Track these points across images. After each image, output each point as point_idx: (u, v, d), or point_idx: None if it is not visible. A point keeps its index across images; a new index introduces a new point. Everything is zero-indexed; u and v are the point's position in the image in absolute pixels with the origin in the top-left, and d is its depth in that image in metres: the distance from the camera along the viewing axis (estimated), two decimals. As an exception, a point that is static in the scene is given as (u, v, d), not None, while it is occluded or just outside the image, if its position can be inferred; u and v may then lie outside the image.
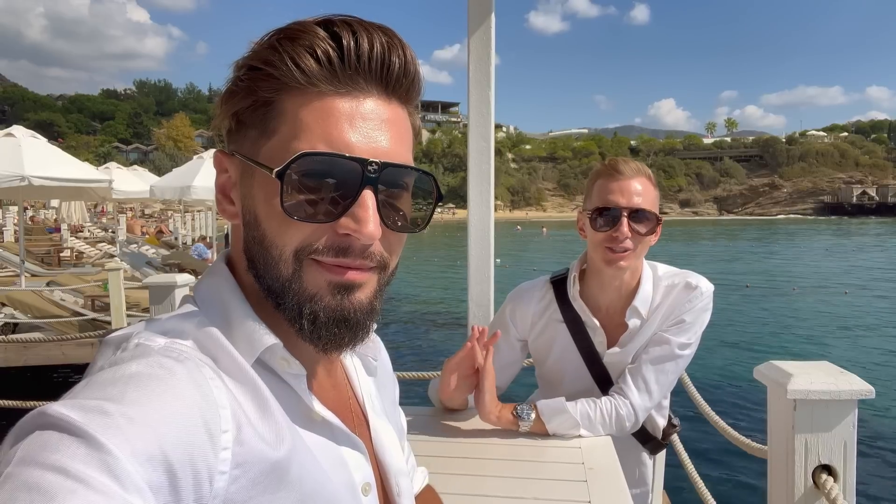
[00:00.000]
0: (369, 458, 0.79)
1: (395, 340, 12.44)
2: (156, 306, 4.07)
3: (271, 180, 0.63)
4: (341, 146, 0.64)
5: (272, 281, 0.67)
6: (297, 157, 0.62)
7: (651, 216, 1.76)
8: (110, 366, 0.57)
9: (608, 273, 1.82)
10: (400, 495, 0.86)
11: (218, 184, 0.72)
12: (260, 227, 0.67)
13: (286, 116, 0.65)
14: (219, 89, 0.71)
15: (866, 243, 44.47)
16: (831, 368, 1.75)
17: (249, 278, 0.71)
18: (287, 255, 0.65)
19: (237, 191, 0.70)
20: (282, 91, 0.65)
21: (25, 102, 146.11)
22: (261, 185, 0.66)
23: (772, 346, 12.29)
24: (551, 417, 1.74)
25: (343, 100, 0.65)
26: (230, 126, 0.69)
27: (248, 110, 0.67)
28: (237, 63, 0.68)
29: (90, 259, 16.81)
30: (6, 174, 8.34)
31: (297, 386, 0.69)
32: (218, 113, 0.70)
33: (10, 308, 8.46)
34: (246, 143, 0.68)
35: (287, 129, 0.65)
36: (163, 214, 43.15)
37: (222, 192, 0.72)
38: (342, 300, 0.67)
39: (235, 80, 0.68)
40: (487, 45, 2.28)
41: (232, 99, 0.68)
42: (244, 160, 0.68)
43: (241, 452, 0.58)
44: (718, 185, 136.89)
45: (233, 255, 0.74)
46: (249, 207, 0.68)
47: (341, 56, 0.64)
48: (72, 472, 0.45)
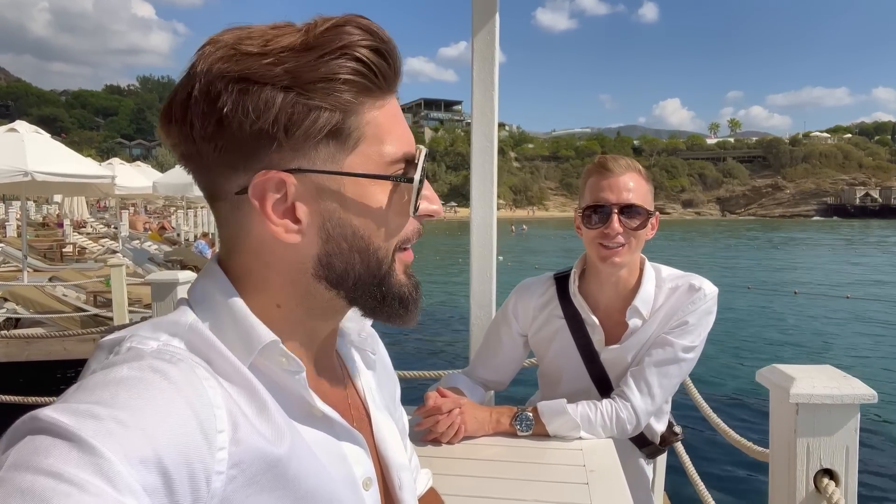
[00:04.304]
0: (370, 453, 0.79)
1: (396, 339, 12.44)
2: (158, 303, 4.06)
3: (376, 188, 0.69)
4: (409, 143, 0.71)
5: (368, 279, 0.72)
6: (425, 155, 0.72)
7: (642, 210, 1.77)
8: (102, 369, 0.56)
9: (605, 270, 1.82)
10: (402, 489, 0.86)
11: (269, 207, 0.65)
12: (363, 235, 0.69)
13: (369, 124, 0.67)
14: None
15: (869, 246, 44.38)
16: (834, 372, 1.74)
17: (266, 285, 0.70)
18: (390, 253, 0.72)
19: (306, 208, 0.66)
20: (364, 99, 0.66)
21: (29, 97, 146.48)
22: (360, 195, 0.68)
23: (773, 350, 12.27)
24: (552, 419, 1.73)
25: (392, 100, 0.71)
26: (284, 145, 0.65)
27: (332, 127, 0.64)
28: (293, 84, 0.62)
29: (93, 255, 16.84)
30: (9, 169, 8.36)
31: (296, 383, 0.69)
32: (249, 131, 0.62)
33: (13, 303, 8.48)
34: (320, 159, 0.65)
35: (371, 135, 0.67)
36: (165, 211, 43.22)
37: (277, 214, 0.66)
38: (414, 279, 0.77)
39: (300, 95, 0.62)
40: (492, 45, 2.28)
41: (305, 117, 0.63)
42: (327, 175, 0.66)
43: (237, 452, 0.57)
44: (721, 185, 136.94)
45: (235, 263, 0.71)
46: (339, 220, 0.68)
47: (393, 61, 0.67)
48: (65, 475, 0.45)
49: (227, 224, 0.70)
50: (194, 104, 0.63)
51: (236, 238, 0.70)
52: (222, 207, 0.69)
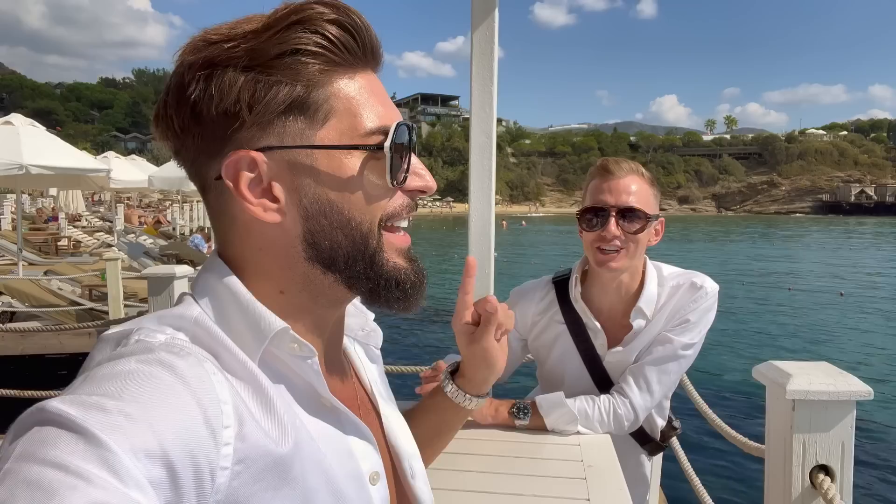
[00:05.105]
0: (379, 446, 0.79)
1: (390, 334, 12.43)
2: (154, 298, 4.05)
3: (350, 160, 0.67)
4: (386, 117, 0.70)
5: (358, 259, 0.70)
6: (398, 125, 0.69)
7: (642, 214, 1.74)
8: (109, 361, 0.56)
9: (605, 275, 1.80)
10: (414, 477, 0.87)
11: (244, 187, 0.65)
12: (342, 209, 0.68)
13: (338, 97, 0.66)
14: None
15: (864, 243, 44.53)
16: (830, 369, 1.75)
17: (265, 271, 0.70)
18: (374, 228, 0.70)
19: (282, 186, 0.66)
20: (329, 72, 0.66)
21: (24, 90, 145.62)
22: (335, 168, 0.67)
23: (769, 346, 12.32)
24: (549, 411, 1.74)
25: (367, 74, 0.70)
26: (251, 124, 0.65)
27: (293, 100, 0.64)
28: (242, 65, 0.63)
29: (88, 248, 16.78)
30: (4, 162, 8.30)
31: (308, 369, 0.69)
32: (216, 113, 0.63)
33: (8, 297, 8.44)
34: (288, 135, 0.65)
35: (342, 108, 0.67)
36: (161, 204, 43.07)
37: (255, 194, 0.66)
38: (415, 263, 0.76)
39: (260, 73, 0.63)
40: (491, 41, 2.27)
41: (265, 94, 0.63)
42: (297, 150, 0.66)
43: (243, 448, 0.57)
44: (717, 182, 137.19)
45: (233, 253, 0.71)
46: (316, 195, 0.67)
47: (364, 34, 0.67)
48: (71, 468, 0.44)
49: (216, 214, 0.71)
50: (171, 98, 0.66)
51: (226, 227, 0.71)
52: (210, 198, 0.70)
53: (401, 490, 0.87)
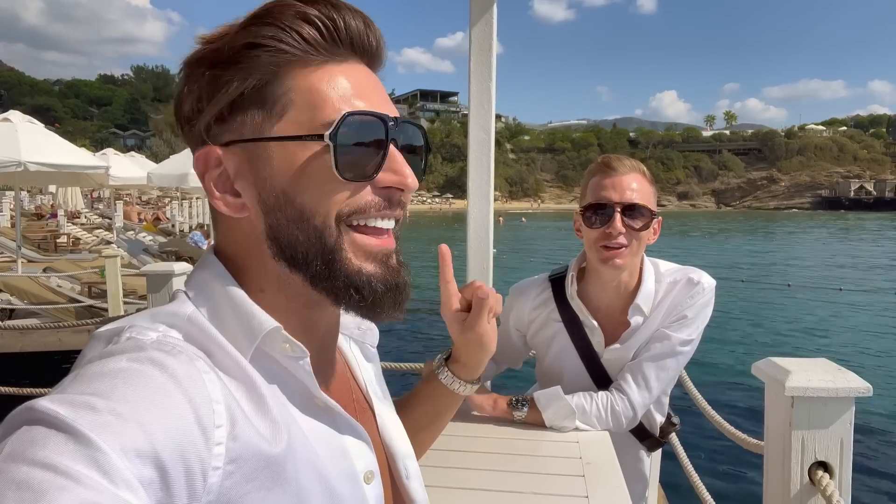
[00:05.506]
0: (374, 445, 0.79)
1: (387, 331, 12.43)
2: (153, 294, 4.04)
3: (303, 152, 0.65)
4: (360, 108, 0.67)
5: (314, 257, 0.67)
6: (344, 116, 0.65)
7: (646, 211, 1.74)
8: (100, 359, 0.56)
9: (606, 273, 1.79)
10: (409, 478, 0.87)
11: (209, 182, 0.68)
12: (295, 203, 0.66)
13: (297, 89, 0.65)
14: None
15: (863, 238, 44.55)
16: (829, 366, 1.75)
17: (247, 268, 0.70)
18: (331, 222, 0.67)
19: (243, 180, 0.67)
20: (286, 65, 0.65)
21: (22, 87, 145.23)
22: (288, 161, 0.66)
23: (767, 342, 12.32)
24: (547, 405, 1.74)
25: (344, 67, 0.68)
26: (212, 119, 0.67)
27: (246, 94, 0.65)
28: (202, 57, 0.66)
29: (87, 245, 16.78)
30: (3, 159, 8.28)
31: (299, 369, 0.68)
32: (189, 110, 0.68)
33: (7, 294, 8.45)
34: (247, 129, 0.66)
35: (302, 100, 0.65)
36: (160, 201, 43.00)
37: (219, 189, 0.68)
38: (391, 270, 0.71)
39: (219, 69, 0.65)
40: (489, 37, 2.26)
41: (221, 88, 0.65)
42: (255, 143, 0.66)
43: (235, 448, 0.57)
44: (717, 178, 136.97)
45: (225, 250, 0.72)
46: (272, 189, 0.66)
47: (335, 26, 0.66)
48: (61, 468, 0.44)
49: (211, 210, 0.72)
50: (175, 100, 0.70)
51: (215, 223, 0.73)
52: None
53: (395, 490, 0.86)
